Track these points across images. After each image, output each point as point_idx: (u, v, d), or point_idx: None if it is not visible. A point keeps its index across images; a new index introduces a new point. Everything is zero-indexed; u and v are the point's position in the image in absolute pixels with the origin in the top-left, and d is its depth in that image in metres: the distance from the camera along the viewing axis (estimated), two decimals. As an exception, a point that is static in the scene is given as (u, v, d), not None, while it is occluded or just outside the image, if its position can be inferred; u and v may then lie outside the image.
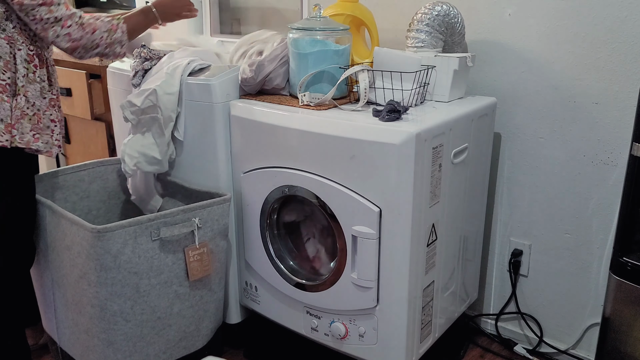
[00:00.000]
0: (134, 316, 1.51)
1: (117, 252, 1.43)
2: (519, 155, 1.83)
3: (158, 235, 1.48)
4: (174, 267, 1.55)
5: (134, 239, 1.45)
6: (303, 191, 1.54)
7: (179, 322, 1.62)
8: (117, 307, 1.47)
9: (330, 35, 1.61)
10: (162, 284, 1.54)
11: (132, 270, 1.47)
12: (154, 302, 1.54)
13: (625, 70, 1.57)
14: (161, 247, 1.50)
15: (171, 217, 1.50)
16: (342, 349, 1.62)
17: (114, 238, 1.41)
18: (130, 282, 1.47)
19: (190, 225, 1.54)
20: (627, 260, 1.32)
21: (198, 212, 1.56)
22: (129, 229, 1.43)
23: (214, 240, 1.63)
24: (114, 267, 1.43)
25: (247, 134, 1.65)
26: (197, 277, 1.60)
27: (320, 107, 1.57)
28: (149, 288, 1.51)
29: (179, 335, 1.63)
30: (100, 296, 1.46)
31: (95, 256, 1.42)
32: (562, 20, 1.65)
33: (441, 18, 1.66)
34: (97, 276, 1.44)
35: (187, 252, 1.56)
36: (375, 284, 1.48)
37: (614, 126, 1.63)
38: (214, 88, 1.65)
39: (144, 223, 1.45)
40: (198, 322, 1.68)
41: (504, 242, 1.93)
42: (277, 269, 1.69)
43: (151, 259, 1.49)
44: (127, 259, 1.45)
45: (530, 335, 1.94)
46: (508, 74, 1.79)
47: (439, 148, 1.46)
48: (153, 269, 1.50)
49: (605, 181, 1.68)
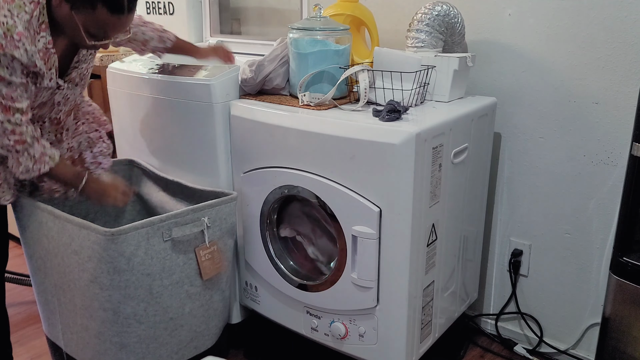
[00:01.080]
0: (147, 318, 1.51)
1: (130, 255, 1.42)
2: (519, 155, 1.83)
3: (170, 235, 1.48)
4: (185, 267, 1.55)
5: (146, 240, 1.44)
6: (303, 191, 1.54)
7: (190, 321, 1.62)
8: (131, 309, 1.47)
9: (330, 35, 1.61)
10: (174, 284, 1.53)
11: (145, 272, 1.46)
12: (166, 303, 1.53)
13: (625, 70, 1.57)
14: (173, 247, 1.50)
15: (182, 217, 1.50)
16: (342, 349, 1.62)
17: (127, 240, 1.40)
18: (143, 284, 1.47)
19: (200, 225, 1.54)
20: (627, 260, 1.32)
21: (207, 212, 1.56)
22: (142, 230, 1.42)
23: (222, 239, 1.63)
24: (127, 269, 1.43)
25: (247, 134, 1.65)
26: (210, 275, 1.60)
27: (320, 107, 1.57)
28: (161, 289, 1.51)
29: (190, 335, 1.64)
30: (113, 299, 1.45)
31: (108, 259, 1.41)
32: (562, 20, 1.65)
33: (441, 18, 1.66)
34: (110, 279, 1.43)
35: (197, 252, 1.56)
36: (375, 284, 1.48)
37: (614, 126, 1.63)
38: (214, 88, 1.65)
39: (156, 224, 1.45)
40: (208, 321, 1.68)
41: (504, 242, 1.93)
42: (277, 269, 1.69)
43: (163, 260, 1.49)
44: (140, 261, 1.44)
45: (530, 335, 1.94)
46: (508, 74, 1.78)
47: (439, 148, 1.46)
48: (165, 270, 1.50)
49: (605, 181, 1.68)
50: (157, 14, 2.59)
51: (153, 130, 1.87)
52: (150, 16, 2.64)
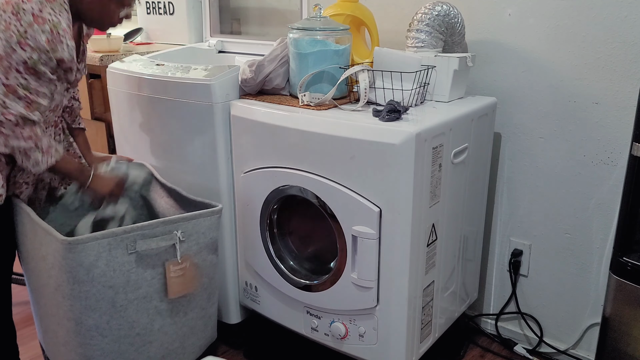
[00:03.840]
0: (111, 331, 1.44)
1: (90, 265, 1.36)
2: (519, 155, 1.83)
3: (134, 248, 1.40)
4: (154, 281, 1.47)
5: (108, 251, 1.37)
6: (303, 191, 1.54)
7: (161, 338, 1.53)
8: (93, 321, 1.41)
9: (330, 35, 1.61)
10: (141, 299, 1.46)
11: (107, 284, 1.39)
12: (132, 318, 1.46)
13: (625, 70, 1.57)
14: (138, 260, 1.42)
15: (150, 230, 1.42)
16: (342, 349, 1.62)
17: (86, 250, 1.34)
18: (105, 297, 1.40)
19: (171, 239, 1.45)
20: (627, 260, 1.32)
21: (181, 225, 1.47)
22: (103, 241, 1.36)
23: (200, 254, 1.54)
24: (87, 280, 1.37)
25: (247, 134, 1.65)
26: (177, 294, 1.50)
27: (320, 107, 1.57)
28: (125, 303, 1.44)
29: (162, 352, 1.55)
30: (75, 309, 1.39)
31: (67, 268, 1.35)
32: (562, 20, 1.65)
33: (441, 18, 1.66)
34: (71, 289, 1.37)
35: (167, 267, 1.47)
36: (375, 284, 1.48)
37: (614, 126, 1.63)
38: (214, 88, 1.65)
39: (119, 235, 1.38)
40: (183, 339, 1.59)
41: (504, 242, 1.93)
42: (277, 269, 1.69)
43: (127, 273, 1.42)
44: (101, 272, 1.38)
45: (530, 335, 1.94)
46: (508, 74, 1.78)
47: (439, 148, 1.46)
48: (130, 284, 1.43)
49: (605, 181, 1.68)
50: (157, 14, 2.60)
51: (153, 130, 1.87)
52: (150, 16, 2.64)
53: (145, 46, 2.55)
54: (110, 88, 2.01)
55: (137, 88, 1.86)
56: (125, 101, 1.93)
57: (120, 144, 2.06)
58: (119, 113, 2.00)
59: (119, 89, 1.95)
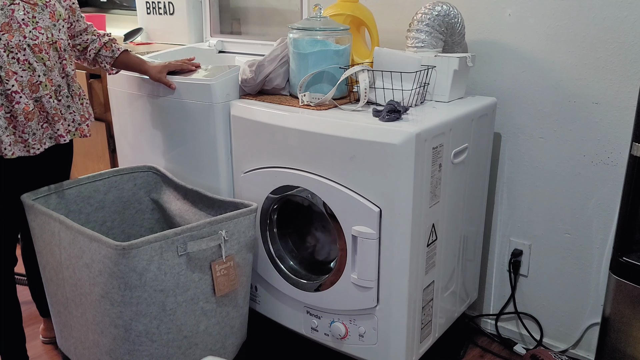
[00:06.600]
0: (160, 336, 1.44)
1: (142, 270, 1.35)
2: (519, 155, 1.83)
3: (185, 250, 1.41)
4: (201, 282, 1.48)
5: (160, 255, 1.37)
6: (303, 191, 1.54)
7: (205, 340, 1.54)
8: (143, 327, 1.41)
9: (331, 35, 1.61)
10: (189, 301, 1.46)
11: (158, 288, 1.39)
12: (180, 321, 1.46)
13: (625, 70, 1.57)
14: (188, 262, 1.43)
15: (197, 231, 1.43)
16: (342, 349, 1.62)
17: (139, 255, 1.34)
18: (156, 301, 1.40)
19: (217, 239, 1.47)
20: (627, 260, 1.32)
21: (225, 225, 1.48)
22: (155, 244, 1.36)
23: (240, 254, 1.55)
24: (139, 285, 1.36)
25: (247, 134, 1.65)
26: (223, 292, 1.52)
27: (320, 107, 1.57)
28: (175, 306, 1.44)
29: (205, 354, 1.56)
30: (125, 316, 1.39)
31: (119, 275, 1.35)
32: (562, 20, 1.65)
33: (441, 18, 1.66)
34: (122, 295, 1.37)
35: (213, 267, 1.48)
36: (375, 284, 1.48)
37: (614, 126, 1.63)
38: (214, 88, 1.65)
39: (170, 237, 1.38)
40: (224, 340, 1.60)
41: (504, 242, 1.93)
42: (277, 269, 1.69)
43: (177, 275, 1.42)
44: (153, 277, 1.37)
45: (530, 336, 1.94)
46: (508, 74, 1.79)
47: (439, 148, 1.46)
48: (179, 286, 1.43)
49: (605, 181, 1.68)
50: (157, 14, 2.59)
51: (153, 130, 1.87)
52: (150, 16, 2.64)
53: (145, 46, 2.54)
54: (110, 88, 2.01)
55: (137, 88, 1.86)
56: (125, 101, 1.94)
57: (120, 144, 2.06)
58: (119, 113, 2.00)
59: (119, 89, 1.95)
